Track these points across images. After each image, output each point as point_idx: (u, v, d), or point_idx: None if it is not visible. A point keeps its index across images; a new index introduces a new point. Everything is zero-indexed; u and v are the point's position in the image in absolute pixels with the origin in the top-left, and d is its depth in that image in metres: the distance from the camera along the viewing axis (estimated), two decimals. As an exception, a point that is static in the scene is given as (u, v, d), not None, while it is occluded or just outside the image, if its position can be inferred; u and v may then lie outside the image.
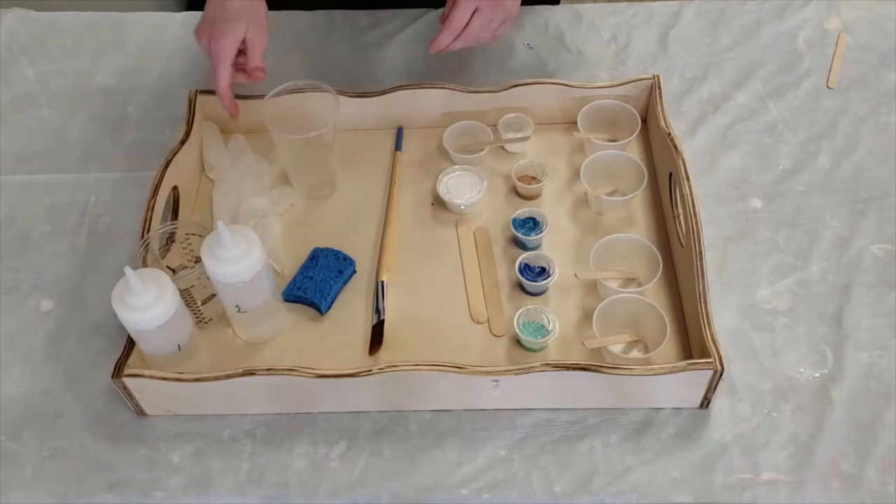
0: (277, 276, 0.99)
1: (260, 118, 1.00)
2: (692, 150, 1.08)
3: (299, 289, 0.96)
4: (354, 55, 1.24)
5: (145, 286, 0.81)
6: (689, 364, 0.84)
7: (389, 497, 0.84)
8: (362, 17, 1.29)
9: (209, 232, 0.86)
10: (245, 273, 0.85)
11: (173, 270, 0.95)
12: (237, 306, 0.89)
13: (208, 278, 0.87)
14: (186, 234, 0.97)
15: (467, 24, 0.97)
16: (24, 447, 0.89)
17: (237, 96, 1.09)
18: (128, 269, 0.80)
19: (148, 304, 0.81)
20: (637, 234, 0.99)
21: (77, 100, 1.20)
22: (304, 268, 0.98)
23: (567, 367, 0.84)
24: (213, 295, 0.93)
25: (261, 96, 1.09)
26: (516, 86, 1.08)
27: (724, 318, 0.94)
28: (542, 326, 0.92)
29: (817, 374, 0.91)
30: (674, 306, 0.95)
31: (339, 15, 1.29)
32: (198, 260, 0.90)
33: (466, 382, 0.85)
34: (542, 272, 0.96)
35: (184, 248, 0.97)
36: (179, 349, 0.87)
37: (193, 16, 1.30)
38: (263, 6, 1.01)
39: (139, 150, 1.14)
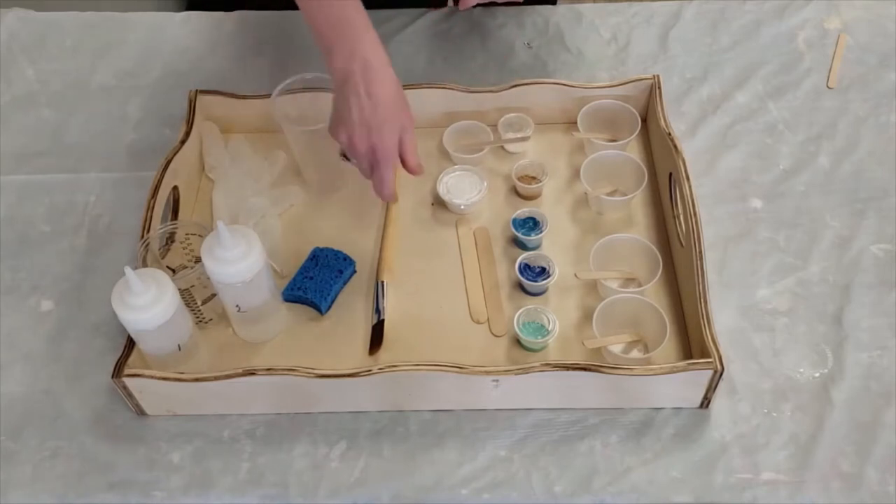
0: (277, 276, 0.99)
1: (272, 114, 1.00)
2: (692, 150, 1.08)
3: (299, 289, 0.96)
4: (354, 55, 1.23)
5: (145, 286, 0.81)
6: (689, 364, 0.84)
7: (389, 497, 0.84)
8: (362, 17, 1.28)
9: (209, 232, 0.86)
10: (245, 273, 0.85)
11: (173, 270, 0.95)
12: (237, 306, 0.89)
13: (208, 278, 0.87)
14: (186, 234, 0.97)
15: None
16: (24, 447, 0.89)
17: (240, 96, 1.10)
18: (128, 269, 0.80)
19: (148, 304, 0.81)
20: (637, 234, 0.99)
21: (77, 100, 1.20)
22: (304, 268, 0.98)
23: (567, 367, 0.84)
24: (214, 295, 0.93)
25: (265, 96, 1.09)
26: (516, 86, 1.08)
27: (724, 318, 0.94)
28: (542, 326, 0.92)
29: (817, 374, 0.91)
30: (674, 306, 0.95)
31: (339, 15, 1.29)
32: (198, 260, 0.90)
33: (466, 382, 0.85)
34: (542, 272, 0.96)
35: (184, 248, 0.97)
36: (179, 349, 0.87)
37: (193, 16, 1.30)
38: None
39: (139, 150, 1.14)
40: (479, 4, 1.04)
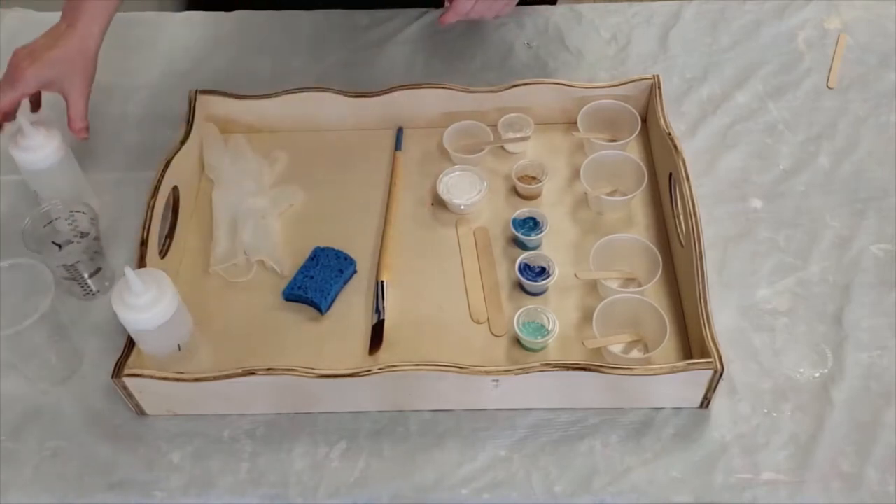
0: (277, 276, 0.99)
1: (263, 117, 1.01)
2: (692, 150, 1.08)
3: (300, 288, 0.96)
4: (354, 55, 1.24)
5: (145, 286, 0.81)
6: (689, 364, 0.84)
7: (389, 497, 0.84)
8: (362, 17, 1.29)
9: (91, 210, 0.92)
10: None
11: (59, 245, 0.97)
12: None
13: (95, 252, 0.92)
14: (72, 212, 0.97)
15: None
16: (24, 447, 0.89)
17: (240, 96, 1.10)
18: (128, 270, 0.80)
19: (148, 304, 0.82)
20: (637, 234, 0.99)
21: (77, 100, 1.20)
22: (305, 267, 0.98)
23: (567, 367, 0.84)
24: (100, 269, 0.96)
25: (265, 96, 1.09)
26: (516, 86, 1.08)
27: (724, 318, 0.94)
28: (542, 326, 0.92)
29: (817, 374, 0.91)
30: (674, 306, 0.95)
31: (338, 15, 1.29)
32: (83, 235, 0.94)
33: (466, 382, 0.85)
34: (542, 272, 0.96)
35: (70, 225, 0.98)
36: (179, 349, 0.87)
37: (194, 15, 1.30)
38: (93, 66, 1.02)
39: (139, 150, 1.14)
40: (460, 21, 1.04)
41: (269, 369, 0.85)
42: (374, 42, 1.25)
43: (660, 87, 1.07)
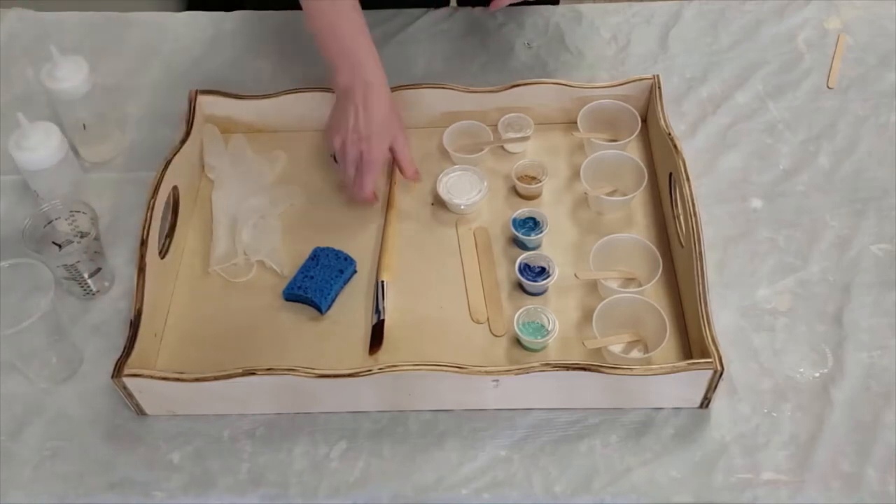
0: (277, 276, 0.99)
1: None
2: (692, 150, 1.08)
3: (300, 288, 0.96)
4: (354, 55, 1.23)
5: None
6: (689, 364, 0.84)
7: (389, 497, 0.84)
8: (362, 17, 1.28)
9: (91, 210, 0.95)
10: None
11: (59, 246, 0.97)
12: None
13: (95, 252, 0.94)
14: (71, 212, 0.98)
15: None
16: (24, 447, 0.89)
17: (240, 96, 1.10)
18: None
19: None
20: (637, 234, 0.99)
21: (77, 100, 1.20)
22: (305, 267, 0.98)
23: (567, 367, 0.84)
24: (99, 269, 0.97)
25: (265, 96, 1.09)
26: (516, 86, 1.08)
27: (724, 318, 0.94)
28: (542, 326, 0.92)
29: (817, 374, 0.91)
30: (674, 306, 0.95)
31: (339, 15, 1.29)
32: (83, 235, 0.96)
33: (466, 382, 0.85)
34: (542, 272, 0.96)
35: (70, 225, 0.98)
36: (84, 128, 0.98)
37: (193, 16, 1.30)
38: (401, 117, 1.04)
39: (139, 150, 1.14)
40: (512, 4, 1.05)
41: (269, 369, 0.85)
42: (374, 42, 1.25)
43: (660, 87, 1.07)
